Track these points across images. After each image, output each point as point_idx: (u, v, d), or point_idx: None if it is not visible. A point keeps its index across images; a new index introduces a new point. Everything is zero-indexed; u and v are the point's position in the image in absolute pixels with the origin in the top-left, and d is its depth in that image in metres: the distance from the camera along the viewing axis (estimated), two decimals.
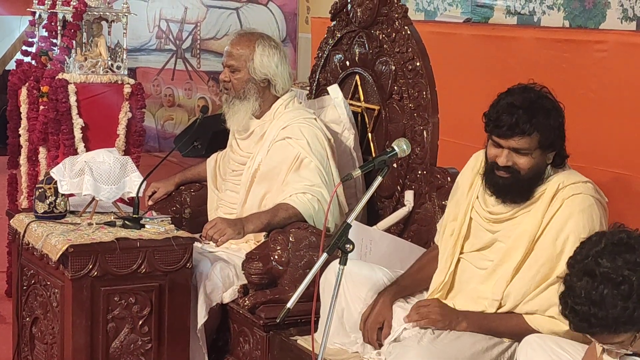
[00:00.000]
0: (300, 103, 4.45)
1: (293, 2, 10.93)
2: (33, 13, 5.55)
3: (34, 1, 5.56)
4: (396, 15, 4.40)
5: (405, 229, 4.28)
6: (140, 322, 3.88)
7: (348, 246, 3.07)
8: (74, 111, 5.00)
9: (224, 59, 4.36)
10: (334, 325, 3.44)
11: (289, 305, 3.05)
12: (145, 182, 4.06)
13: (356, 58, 4.69)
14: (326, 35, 4.95)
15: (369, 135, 4.62)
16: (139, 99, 5.11)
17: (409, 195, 4.28)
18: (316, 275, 3.13)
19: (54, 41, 5.23)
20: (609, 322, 2.52)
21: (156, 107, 10.75)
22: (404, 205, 4.30)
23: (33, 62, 5.46)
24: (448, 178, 4.07)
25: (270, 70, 4.30)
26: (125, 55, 5.16)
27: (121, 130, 5.06)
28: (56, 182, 4.00)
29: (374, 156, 4.46)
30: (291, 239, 3.99)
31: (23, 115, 5.36)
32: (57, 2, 5.20)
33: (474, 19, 7.66)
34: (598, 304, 2.52)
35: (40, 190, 4.02)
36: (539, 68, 5.20)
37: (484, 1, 7.61)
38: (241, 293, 4.09)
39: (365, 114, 4.64)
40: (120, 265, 3.79)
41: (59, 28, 5.16)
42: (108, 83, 5.11)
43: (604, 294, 2.51)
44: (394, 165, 4.33)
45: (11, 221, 4.21)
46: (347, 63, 4.76)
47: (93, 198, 4.04)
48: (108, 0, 5.32)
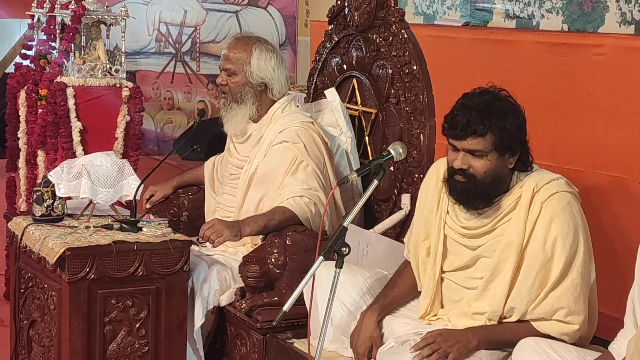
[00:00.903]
0: (297, 106, 4.46)
1: (292, 6, 10.94)
2: (32, 16, 5.56)
3: (33, 4, 5.56)
4: (393, 19, 4.41)
5: (402, 232, 4.28)
6: (137, 325, 3.88)
7: (344, 249, 3.08)
8: (73, 114, 5.00)
9: (221, 63, 4.36)
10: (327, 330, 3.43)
11: (286, 308, 3.06)
12: (142, 185, 4.06)
13: (353, 62, 4.69)
14: (324, 38, 4.95)
15: (366, 138, 4.63)
16: (138, 102, 5.11)
17: (406, 198, 4.28)
18: (312, 278, 3.14)
19: (53, 44, 5.24)
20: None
21: (156, 110, 10.76)
22: (401, 208, 4.30)
23: (32, 65, 5.47)
24: None
25: (267, 74, 4.30)
26: (123, 58, 5.16)
27: (120, 133, 5.06)
28: (54, 185, 4.00)
29: (371, 159, 4.47)
30: (288, 242, 3.99)
31: (22, 118, 5.36)
32: (56, 6, 5.21)
33: (473, 23, 7.67)
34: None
35: (37, 193, 4.03)
36: (538, 72, 5.20)
37: (483, 5, 7.62)
38: (238, 296, 4.09)
39: (362, 118, 4.65)
40: (117, 268, 3.80)
41: (58, 31, 5.16)
42: (106, 86, 5.10)
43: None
44: (391, 168, 4.34)
45: (9, 224, 4.21)
46: (345, 66, 4.77)
47: (90, 201, 4.05)
48: (107, 3, 5.33)
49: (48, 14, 5.26)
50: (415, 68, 4.29)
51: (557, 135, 4.88)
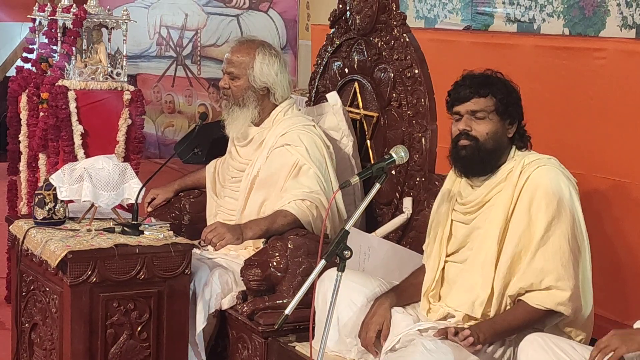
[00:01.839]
0: (299, 110, 4.46)
1: (293, 9, 10.95)
2: (33, 20, 5.56)
3: (35, 8, 5.57)
4: (395, 22, 4.41)
5: (403, 236, 4.29)
6: (139, 328, 3.88)
7: (346, 253, 3.08)
8: (74, 118, 5.00)
9: (224, 66, 4.37)
10: (330, 332, 3.45)
11: (287, 311, 3.06)
12: (144, 189, 4.07)
13: (355, 65, 4.70)
14: (325, 42, 4.95)
15: (368, 142, 4.63)
16: (139, 106, 5.12)
17: (408, 202, 4.28)
18: (314, 281, 3.13)
19: (54, 48, 5.24)
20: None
21: (156, 114, 10.76)
22: (403, 212, 4.30)
23: (33, 69, 5.47)
24: None
25: (270, 78, 4.31)
26: (125, 62, 5.17)
27: (121, 136, 5.07)
28: (55, 189, 4.00)
29: (372, 163, 4.47)
30: (290, 246, 3.99)
31: (23, 121, 5.36)
32: (57, 9, 5.21)
33: (474, 27, 7.67)
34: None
35: (39, 196, 4.03)
36: (539, 76, 5.20)
37: (484, 9, 7.62)
38: (240, 299, 4.09)
39: (364, 121, 4.65)
40: (119, 271, 3.80)
41: (59, 35, 5.17)
42: (108, 90, 5.11)
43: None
44: (393, 172, 4.34)
45: (10, 227, 4.22)
46: (346, 70, 4.77)
47: (92, 204, 4.05)
48: (108, 7, 5.33)
49: (49, 18, 5.27)
50: (416, 72, 4.29)
51: (558, 138, 4.88)
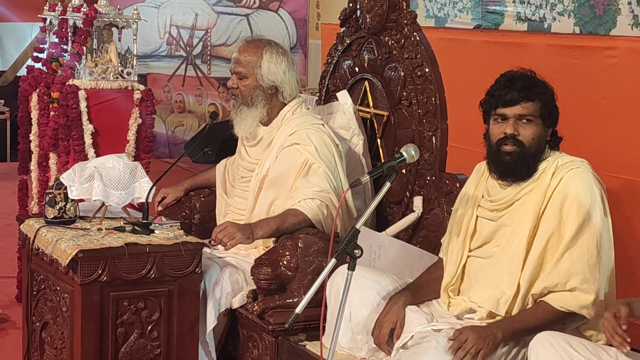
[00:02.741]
0: (308, 109, 4.45)
1: (303, 9, 10.95)
2: (44, 19, 5.57)
3: (45, 8, 5.58)
4: (405, 21, 4.40)
5: (414, 235, 4.28)
6: (149, 327, 3.88)
7: (357, 252, 3.08)
8: (84, 117, 5.01)
9: (232, 66, 4.37)
10: (341, 329, 3.45)
11: (298, 310, 3.05)
12: (154, 188, 4.07)
13: (365, 64, 4.69)
14: (335, 41, 4.95)
15: (378, 141, 4.63)
16: (149, 105, 5.12)
17: (418, 201, 4.28)
18: (325, 280, 3.13)
19: (65, 47, 5.25)
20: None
21: (167, 113, 10.78)
22: (413, 211, 4.30)
23: (44, 68, 5.48)
24: (457, 184, 4.08)
25: (277, 77, 4.30)
26: (135, 61, 5.17)
27: (131, 136, 5.07)
28: (66, 188, 4.01)
29: (383, 162, 4.46)
30: (300, 245, 3.99)
31: (34, 121, 5.37)
32: (68, 9, 5.22)
33: (485, 26, 7.67)
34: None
35: (50, 195, 4.04)
36: (549, 74, 5.19)
37: (495, 8, 7.61)
38: (250, 298, 4.09)
39: (374, 120, 4.65)
40: (129, 270, 3.80)
41: (70, 34, 5.18)
42: (118, 89, 5.12)
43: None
44: (403, 171, 4.33)
45: (21, 226, 4.22)
46: (356, 69, 4.77)
47: (103, 203, 4.06)
48: (118, 6, 5.34)
49: (60, 17, 5.27)
50: (427, 70, 4.29)
51: (569, 137, 4.87)
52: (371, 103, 4.67)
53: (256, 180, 4.33)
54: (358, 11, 4.72)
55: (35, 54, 5.66)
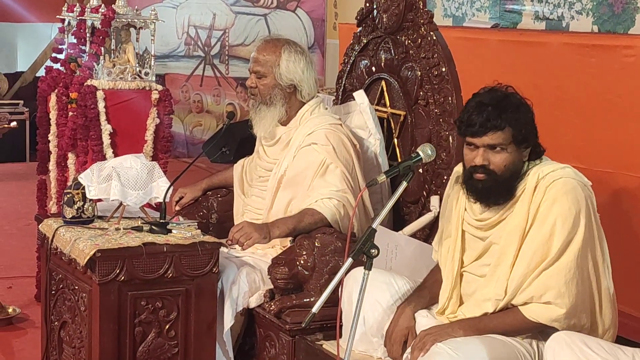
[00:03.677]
0: (326, 109, 4.46)
1: (321, 8, 10.96)
2: (62, 20, 5.60)
3: (64, 8, 5.60)
4: (422, 21, 4.40)
5: (431, 234, 4.27)
6: (166, 327, 3.90)
7: (373, 251, 3.08)
8: (103, 117, 5.03)
9: (250, 65, 4.37)
10: (357, 332, 3.45)
11: (315, 310, 3.06)
12: (172, 188, 4.08)
13: (382, 64, 4.69)
14: (352, 41, 4.95)
15: (395, 140, 4.62)
16: (167, 105, 5.13)
17: (435, 200, 4.28)
18: (341, 280, 3.14)
19: (83, 48, 5.27)
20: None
21: (185, 113, 10.80)
22: (430, 210, 4.30)
23: (62, 69, 5.50)
24: None
25: (296, 75, 4.31)
26: (153, 61, 5.19)
27: (149, 136, 5.09)
28: (84, 188, 4.03)
29: (400, 161, 4.46)
30: (317, 244, 3.99)
31: (52, 121, 5.39)
32: (86, 9, 5.24)
33: (502, 25, 7.65)
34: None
35: (68, 195, 4.05)
36: (567, 73, 5.19)
37: (513, 7, 7.59)
38: (267, 298, 4.10)
39: (391, 120, 4.64)
40: (147, 270, 3.81)
41: (88, 35, 5.19)
42: (136, 89, 5.13)
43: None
44: (420, 170, 4.33)
45: (40, 226, 4.24)
46: (373, 69, 4.77)
47: (120, 203, 4.07)
48: (136, 7, 5.36)
49: (78, 18, 5.29)
50: (444, 70, 4.28)
51: (587, 137, 4.86)
52: (388, 103, 4.67)
53: (274, 179, 4.33)
54: (375, 11, 4.72)
55: (53, 55, 5.68)
